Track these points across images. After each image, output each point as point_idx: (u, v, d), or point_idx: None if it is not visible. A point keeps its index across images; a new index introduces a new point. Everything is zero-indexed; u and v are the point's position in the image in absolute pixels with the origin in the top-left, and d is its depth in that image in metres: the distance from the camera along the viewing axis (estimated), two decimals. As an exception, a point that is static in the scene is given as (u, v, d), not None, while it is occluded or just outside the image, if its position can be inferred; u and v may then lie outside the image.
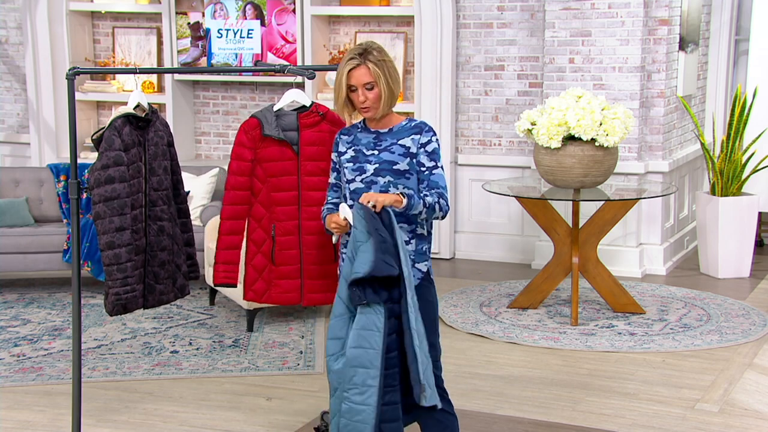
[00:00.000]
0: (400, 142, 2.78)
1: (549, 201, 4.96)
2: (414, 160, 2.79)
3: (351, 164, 2.82)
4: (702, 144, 5.86)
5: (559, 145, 4.70)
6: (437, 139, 2.81)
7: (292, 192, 3.25)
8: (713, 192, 5.80)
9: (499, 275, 5.83)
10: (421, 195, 2.75)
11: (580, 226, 4.98)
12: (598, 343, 4.54)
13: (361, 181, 2.80)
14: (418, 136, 2.78)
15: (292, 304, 3.37)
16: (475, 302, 5.21)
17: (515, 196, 5.08)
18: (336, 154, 2.89)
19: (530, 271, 5.90)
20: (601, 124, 4.68)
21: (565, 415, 3.73)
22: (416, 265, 2.81)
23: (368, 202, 2.68)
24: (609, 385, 4.05)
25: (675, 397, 3.92)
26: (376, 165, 2.78)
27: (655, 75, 5.76)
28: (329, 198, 2.94)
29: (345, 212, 2.76)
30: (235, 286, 3.40)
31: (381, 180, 2.77)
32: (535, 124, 4.78)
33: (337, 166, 2.90)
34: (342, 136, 2.88)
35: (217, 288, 3.39)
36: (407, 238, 2.80)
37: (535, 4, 5.96)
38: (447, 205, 2.77)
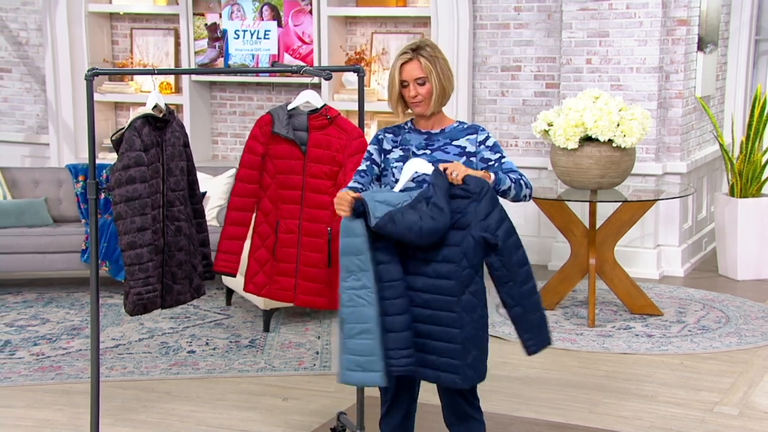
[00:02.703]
0: (454, 143, 2.74)
1: (566, 202, 4.94)
2: (471, 159, 2.74)
3: (400, 164, 2.75)
4: (721, 145, 5.82)
5: (576, 146, 4.68)
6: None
7: (296, 191, 3.28)
8: (732, 193, 5.76)
9: (515, 276, 5.80)
10: (505, 174, 2.70)
11: (597, 227, 4.96)
12: (616, 345, 4.52)
13: (412, 180, 2.73)
14: (474, 135, 2.75)
15: (286, 302, 3.39)
16: (491, 303, 5.18)
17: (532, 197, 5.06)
18: (376, 147, 2.81)
19: (547, 272, 5.88)
20: (618, 125, 4.65)
21: (582, 417, 3.72)
22: None
23: (447, 170, 2.59)
24: (626, 387, 4.02)
25: (693, 399, 3.90)
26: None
27: (674, 76, 5.72)
28: (353, 181, 2.81)
29: (416, 165, 2.64)
30: (234, 276, 3.43)
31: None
32: (551, 125, 4.77)
33: (373, 157, 2.80)
34: (387, 134, 2.81)
35: (215, 273, 3.41)
36: None
37: (552, 4, 5.94)
38: (530, 181, 2.74)
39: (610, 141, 4.67)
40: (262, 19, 6.37)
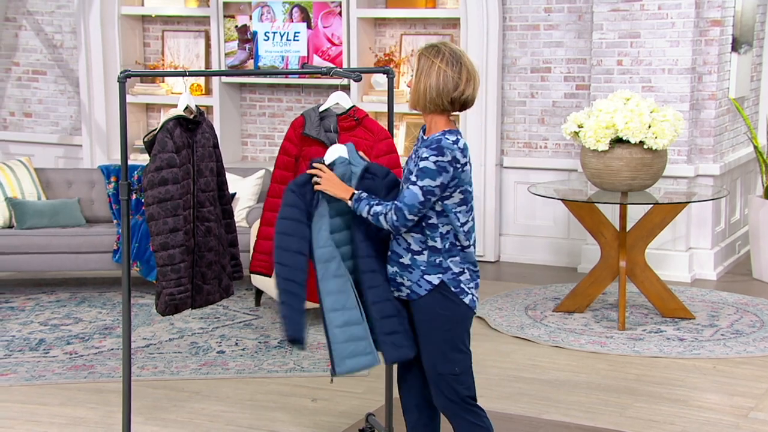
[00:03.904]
0: (419, 152, 2.78)
1: (596, 204, 4.90)
2: None
3: (406, 165, 2.86)
4: (755, 147, 5.74)
5: (607, 148, 4.65)
6: (439, 161, 2.66)
7: None
8: (767, 196, 5.67)
9: (544, 278, 5.78)
10: (376, 202, 2.75)
11: (628, 229, 4.91)
12: (646, 348, 4.47)
13: (403, 182, 2.82)
14: (424, 149, 2.74)
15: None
16: (520, 305, 5.17)
17: (561, 199, 5.03)
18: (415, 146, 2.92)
19: (576, 274, 5.84)
20: (649, 127, 4.61)
21: (613, 421, 3.68)
22: (425, 276, 2.76)
23: (320, 174, 2.85)
24: (658, 391, 3.98)
25: (727, 404, 3.84)
26: (404, 169, 2.84)
27: (706, 77, 5.65)
28: None
29: (336, 151, 2.91)
30: (269, 276, 3.43)
31: (402, 184, 2.81)
32: (582, 127, 4.73)
33: (412, 155, 2.89)
34: (422, 132, 2.89)
35: (252, 274, 3.44)
36: (419, 249, 2.75)
37: (583, 5, 5.90)
38: (398, 221, 2.68)
39: (641, 143, 4.63)
40: (292, 21, 6.40)
